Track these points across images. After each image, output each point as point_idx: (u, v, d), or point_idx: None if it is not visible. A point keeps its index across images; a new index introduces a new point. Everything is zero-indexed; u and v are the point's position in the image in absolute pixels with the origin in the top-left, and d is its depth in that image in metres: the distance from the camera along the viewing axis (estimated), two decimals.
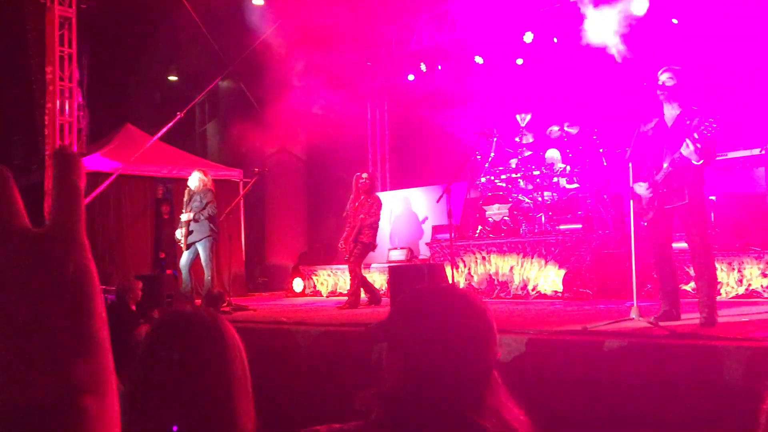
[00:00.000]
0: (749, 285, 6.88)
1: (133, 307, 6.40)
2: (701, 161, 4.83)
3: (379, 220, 8.38)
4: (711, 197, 7.51)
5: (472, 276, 8.86)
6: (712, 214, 7.51)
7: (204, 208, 8.42)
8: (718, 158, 6.79)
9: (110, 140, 11.64)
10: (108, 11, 12.05)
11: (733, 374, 3.54)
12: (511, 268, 8.52)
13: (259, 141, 13.56)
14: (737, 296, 6.89)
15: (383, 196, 9.37)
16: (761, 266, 6.83)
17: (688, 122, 4.92)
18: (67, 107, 10.21)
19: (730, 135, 8.04)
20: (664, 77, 5.09)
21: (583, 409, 3.82)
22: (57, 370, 0.53)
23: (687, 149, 4.77)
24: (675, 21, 9.58)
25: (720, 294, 6.69)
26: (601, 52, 10.20)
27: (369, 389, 1.28)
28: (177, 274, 8.92)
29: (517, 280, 8.46)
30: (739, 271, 6.94)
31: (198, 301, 8.57)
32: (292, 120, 13.09)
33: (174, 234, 8.95)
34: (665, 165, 4.97)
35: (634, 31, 9.93)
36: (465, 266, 8.93)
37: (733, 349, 3.69)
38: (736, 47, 9.78)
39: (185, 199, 8.71)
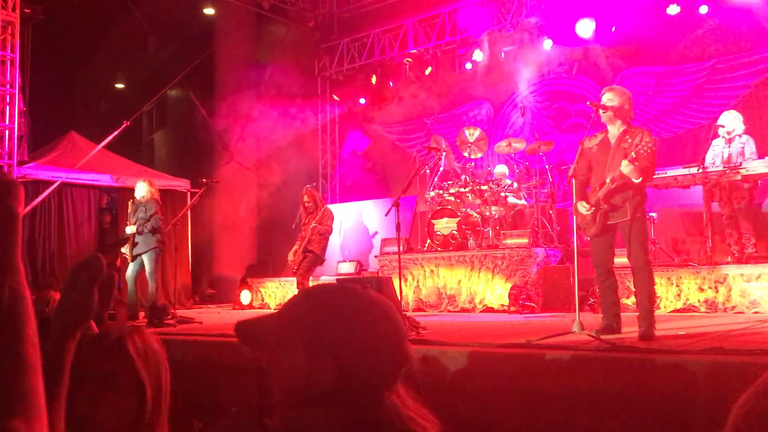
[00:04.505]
0: (687, 299, 7.09)
1: None
2: (640, 179, 4.99)
3: (331, 231, 8.36)
4: (652, 214, 7.73)
5: (421, 289, 8.92)
6: (653, 230, 7.72)
7: (148, 220, 8.25)
8: (658, 175, 7.02)
9: (53, 148, 11.33)
10: (54, 16, 11.78)
11: (671, 386, 3.65)
12: (459, 281, 8.61)
13: (208, 151, 13.42)
14: (675, 310, 7.09)
15: (333, 208, 9.37)
16: (698, 281, 7.05)
17: (628, 140, 5.08)
18: (7, 113, 9.91)
19: (670, 153, 8.31)
20: (606, 97, 5.25)
21: (524, 422, 3.88)
22: None
23: (626, 168, 4.93)
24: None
25: (659, 308, 6.88)
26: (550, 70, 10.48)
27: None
28: (121, 285, 8.72)
29: (464, 293, 8.55)
30: (677, 285, 7.16)
31: (142, 313, 8.41)
32: (243, 131, 13.00)
33: (116, 244, 8.74)
34: (607, 181, 5.11)
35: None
36: (413, 279, 8.99)
37: (671, 362, 3.81)
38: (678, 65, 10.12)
39: (130, 209, 8.54)
